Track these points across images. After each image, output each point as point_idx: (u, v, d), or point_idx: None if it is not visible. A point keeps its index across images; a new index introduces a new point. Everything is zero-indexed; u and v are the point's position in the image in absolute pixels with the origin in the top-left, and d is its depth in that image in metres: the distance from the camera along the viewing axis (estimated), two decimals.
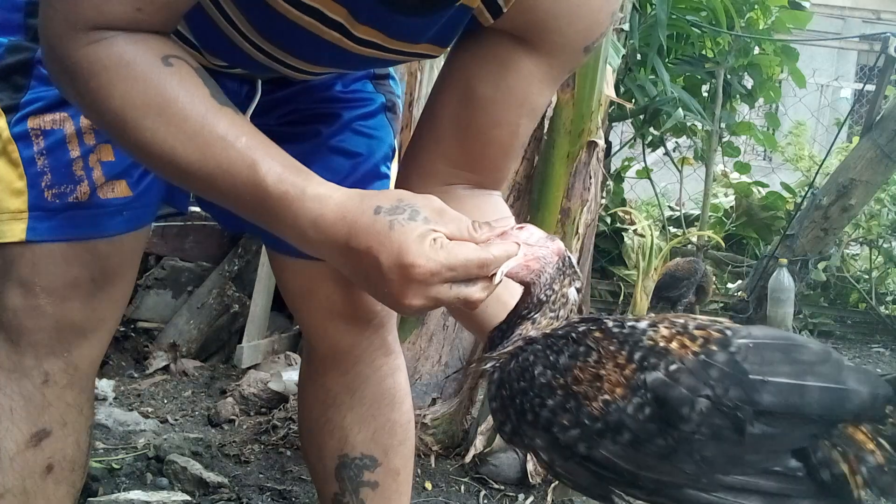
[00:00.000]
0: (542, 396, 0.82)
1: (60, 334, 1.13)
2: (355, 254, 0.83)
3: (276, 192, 0.84)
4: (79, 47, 0.82)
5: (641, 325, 0.83)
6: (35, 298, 1.11)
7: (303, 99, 1.27)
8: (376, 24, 0.97)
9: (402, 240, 0.80)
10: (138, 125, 0.83)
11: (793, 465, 0.79)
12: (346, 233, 0.83)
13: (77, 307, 1.13)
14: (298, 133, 1.25)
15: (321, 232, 0.84)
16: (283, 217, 0.85)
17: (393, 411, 1.38)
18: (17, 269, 1.10)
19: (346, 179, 1.26)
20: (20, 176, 1.09)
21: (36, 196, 1.09)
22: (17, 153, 1.09)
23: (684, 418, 0.77)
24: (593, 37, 1.01)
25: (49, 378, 1.14)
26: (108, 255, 1.14)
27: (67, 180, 1.10)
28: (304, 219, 0.84)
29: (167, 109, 0.83)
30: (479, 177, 1.08)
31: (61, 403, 1.16)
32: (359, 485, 1.36)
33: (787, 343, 0.82)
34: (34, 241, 1.09)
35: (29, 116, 1.09)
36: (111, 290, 1.16)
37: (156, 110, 0.83)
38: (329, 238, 0.84)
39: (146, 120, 0.83)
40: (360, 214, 0.83)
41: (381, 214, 0.82)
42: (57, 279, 1.11)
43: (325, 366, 1.36)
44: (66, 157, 1.10)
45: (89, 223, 1.12)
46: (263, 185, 0.84)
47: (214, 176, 0.84)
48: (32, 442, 1.14)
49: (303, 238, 0.86)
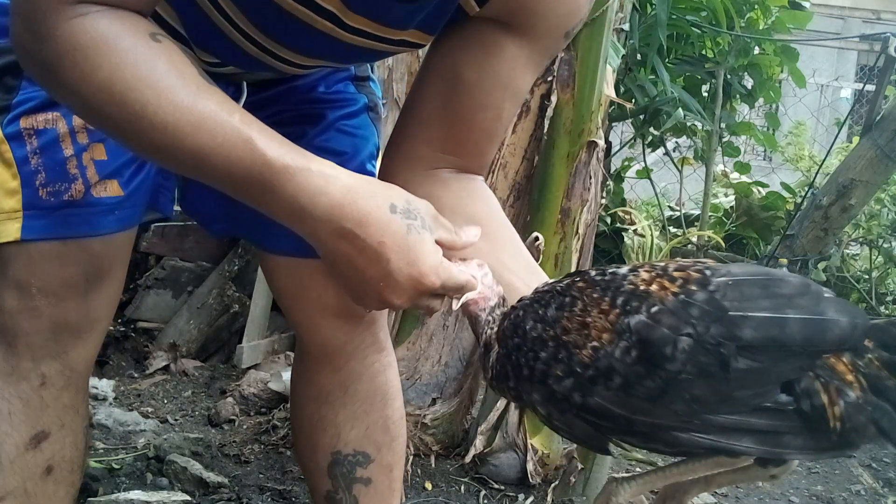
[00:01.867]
0: (535, 350, 0.85)
1: (57, 336, 1.14)
2: (360, 243, 0.83)
3: (278, 164, 0.82)
4: (62, 21, 0.79)
5: (622, 270, 0.85)
6: (31, 300, 1.11)
7: (287, 100, 1.28)
8: (368, 13, 0.98)
9: (417, 249, 0.85)
10: (126, 98, 0.80)
11: (783, 399, 0.80)
12: (356, 219, 0.83)
13: (73, 307, 1.14)
14: (284, 133, 1.25)
15: (322, 209, 0.83)
16: (280, 190, 0.83)
17: (386, 408, 1.39)
18: (13, 270, 1.11)
19: None
20: (14, 175, 1.09)
21: (30, 195, 1.10)
22: (11, 153, 1.09)
23: (669, 358, 0.78)
24: (574, 21, 1.04)
25: (46, 380, 1.14)
26: (102, 253, 1.15)
27: (62, 178, 1.10)
28: (305, 194, 0.83)
29: (158, 83, 0.80)
30: (463, 161, 1.09)
31: (58, 405, 1.16)
32: (352, 481, 1.37)
33: (765, 278, 0.83)
34: (29, 239, 1.09)
35: (21, 116, 1.09)
36: (105, 289, 1.17)
37: (145, 83, 0.80)
38: (332, 217, 0.83)
39: (135, 93, 0.80)
40: (374, 206, 0.84)
41: (398, 215, 0.84)
42: (53, 279, 1.11)
43: (318, 363, 1.37)
44: (59, 155, 1.10)
45: (84, 221, 1.12)
46: (263, 157, 0.82)
47: (207, 150, 0.82)
48: (32, 444, 1.14)
49: (299, 214, 0.84)
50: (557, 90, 2.27)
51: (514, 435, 2.20)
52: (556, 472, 2.17)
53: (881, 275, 5.34)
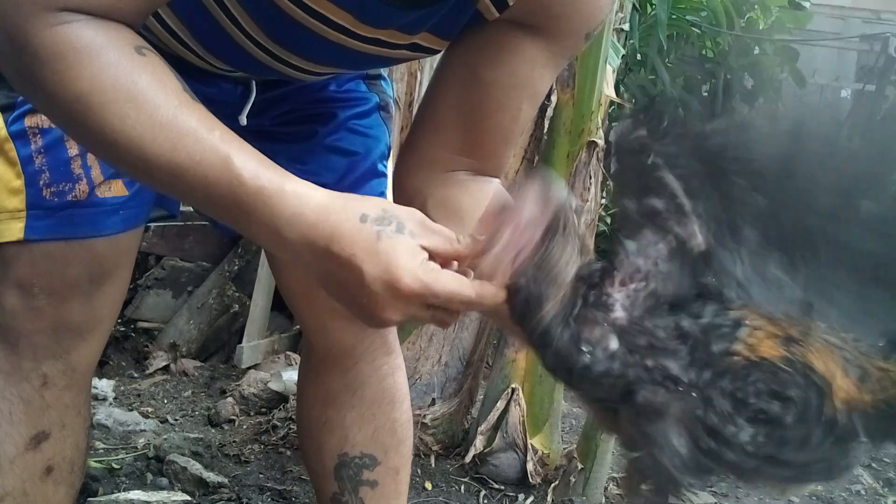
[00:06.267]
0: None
1: (59, 336, 1.13)
2: (335, 259, 0.79)
3: (252, 186, 0.79)
4: (43, 27, 0.76)
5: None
6: (34, 300, 1.10)
7: (297, 99, 1.27)
8: (379, 24, 0.97)
9: (389, 253, 0.77)
10: (105, 111, 0.77)
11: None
12: (327, 235, 0.78)
13: (76, 308, 1.13)
14: (295, 133, 1.25)
15: (298, 231, 0.79)
16: (257, 214, 0.79)
17: (393, 410, 1.38)
18: (15, 270, 1.10)
19: (345, 178, 1.26)
20: (18, 174, 1.08)
21: (34, 195, 1.09)
22: (15, 152, 1.08)
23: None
24: (595, 23, 1.02)
25: (48, 380, 1.13)
26: (106, 254, 1.14)
27: (66, 178, 1.09)
28: (280, 216, 0.79)
29: (138, 97, 0.78)
30: (480, 163, 1.07)
31: (60, 405, 1.15)
32: (358, 483, 1.36)
33: None
34: (32, 239, 1.09)
35: (26, 115, 1.08)
36: (109, 290, 1.16)
37: (125, 96, 0.78)
38: (307, 238, 0.79)
39: (114, 105, 0.77)
40: (344, 219, 0.79)
41: (368, 223, 0.79)
42: (56, 279, 1.10)
43: (326, 365, 1.36)
44: (64, 155, 1.09)
45: (88, 222, 1.11)
46: (239, 178, 0.79)
47: (184, 168, 0.79)
48: (32, 444, 1.13)
49: (276, 237, 0.80)
50: (557, 90, 2.27)
51: (514, 435, 2.20)
52: (556, 472, 2.17)
53: None
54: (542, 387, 2.24)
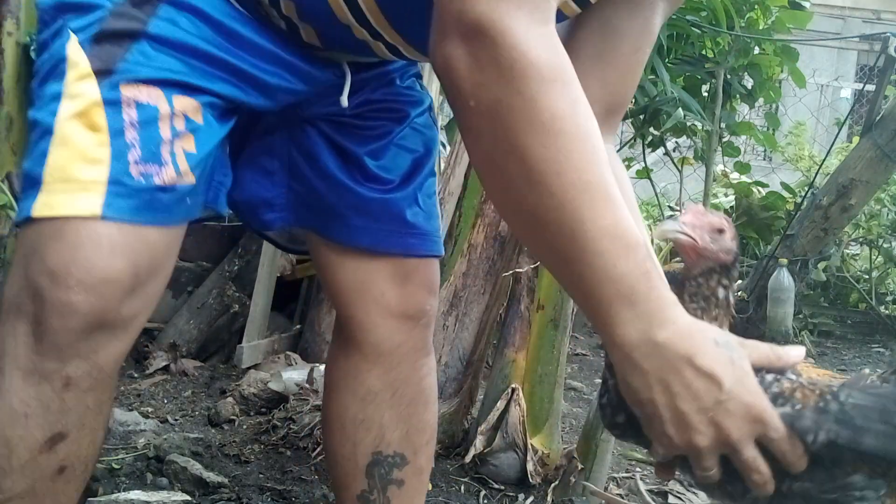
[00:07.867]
0: None
1: (89, 335, 0.99)
2: (697, 370, 0.83)
3: (655, 281, 0.84)
4: (533, 46, 0.80)
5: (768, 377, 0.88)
6: (68, 292, 0.96)
7: (374, 86, 1.29)
8: None
9: (742, 373, 0.85)
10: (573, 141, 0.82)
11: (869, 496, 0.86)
12: (693, 348, 0.83)
13: (112, 306, 0.99)
14: (371, 128, 1.29)
15: (666, 338, 0.83)
16: (643, 306, 0.83)
17: (426, 411, 1.40)
18: (52, 255, 0.96)
19: (411, 176, 1.31)
20: (100, 143, 0.97)
21: (119, 170, 0.97)
22: (103, 118, 0.97)
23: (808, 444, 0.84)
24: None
25: (71, 382, 1.00)
26: (158, 246, 1.04)
27: (155, 160, 1.00)
28: (663, 319, 0.83)
29: (587, 141, 0.83)
30: (610, 117, 1.14)
31: (81, 407, 1.03)
32: (388, 482, 1.37)
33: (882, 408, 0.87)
34: (108, 217, 0.97)
35: (122, 83, 0.99)
36: (152, 287, 1.06)
37: (583, 139, 0.82)
38: (674, 345, 0.83)
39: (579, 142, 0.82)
40: (704, 339, 0.84)
41: (721, 347, 0.85)
42: (96, 271, 0.98)
43: (369, 362, 1.36)
44: (156, 135, 1.00)
45: (165, 208, 1.02)
46: (645, 265, 0.83)
47: (604, 234, 0.82)
48: (46, 447, 1.02)
49: (645, 333, 0.83)
50: None
51: (514, 435, 2.20)
52: (556, 472, 2.17)
53: (881, 275, 5.35)
54: (542, 387, 2.24)
